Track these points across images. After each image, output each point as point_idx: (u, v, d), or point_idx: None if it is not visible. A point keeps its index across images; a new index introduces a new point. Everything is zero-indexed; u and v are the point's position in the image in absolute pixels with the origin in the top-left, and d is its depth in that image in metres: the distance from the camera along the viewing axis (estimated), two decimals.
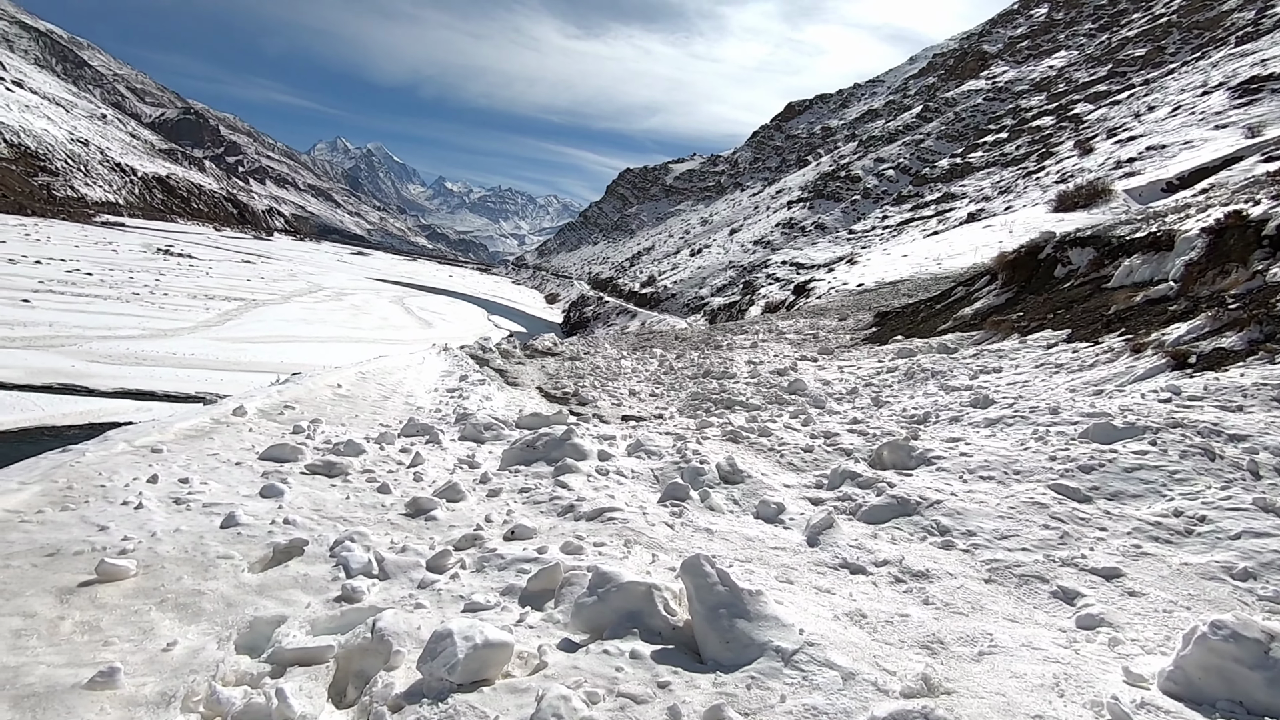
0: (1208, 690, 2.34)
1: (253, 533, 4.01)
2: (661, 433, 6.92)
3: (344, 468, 5.45)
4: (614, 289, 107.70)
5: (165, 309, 44.43)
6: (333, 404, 8.45)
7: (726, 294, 70.75)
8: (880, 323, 18.51)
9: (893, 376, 10.53)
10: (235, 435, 6.30)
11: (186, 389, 25.53)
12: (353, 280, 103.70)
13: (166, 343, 33.90)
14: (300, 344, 39.69)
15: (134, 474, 4.85)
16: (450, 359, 13.68)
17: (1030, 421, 6.11)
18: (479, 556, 3.77)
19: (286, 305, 58.04)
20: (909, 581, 3.56)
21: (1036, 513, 4.24)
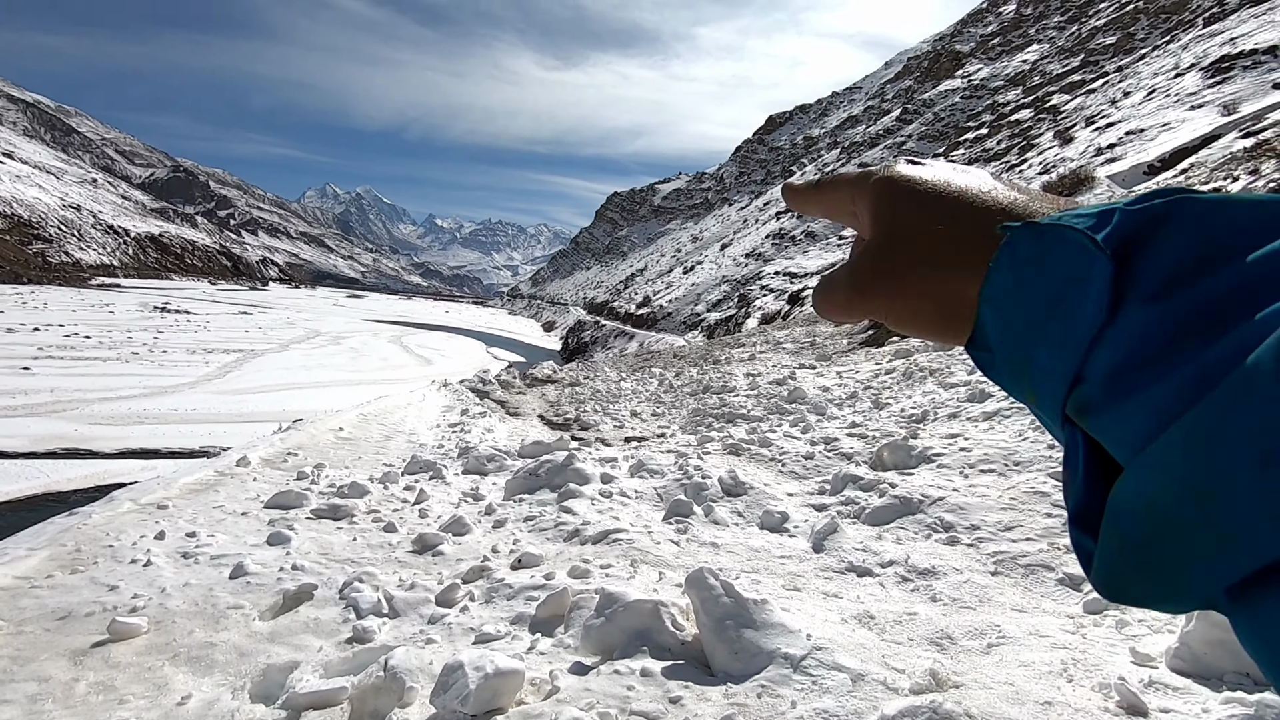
0: (1214, 664, 2.36)
1: (262, 581, 4.03)
2: (663, 451, 6.94)
3: (349, 510, 5.47)
4: (610, 312, 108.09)
5: (165, 366, 44.57)
6: (335, 447, 8.48)
7: (722, 309, 70.98)
8: (876, 325, 18.59)
9: (891, 378, 10.56)
10: (240, 486, 6.32)
11: (190, 444, 25.55)
12: (350, 323, 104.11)
13: (168, 400, 33.96)
14: (301, 390, 39.75)
15: (141, 532, 4.87)
16: (451, 394, 13.73)
17: (1027, 412, 6.13)
18: (487, 587, 3.78)
19: (285, 353, 58.24)
20: (915, 580, 3.57)
21: (1038, 502, 4.27)
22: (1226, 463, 0.21)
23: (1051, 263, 0.30)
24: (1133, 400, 0.25)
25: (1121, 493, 0.25)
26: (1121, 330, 0.26)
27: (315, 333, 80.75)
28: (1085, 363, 0.27)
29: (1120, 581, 0.26)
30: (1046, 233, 0.31)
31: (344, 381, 44.98)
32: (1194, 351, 0.24)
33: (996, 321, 0.33)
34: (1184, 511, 0.23)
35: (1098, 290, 0.27)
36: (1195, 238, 0.26)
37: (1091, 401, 0.27)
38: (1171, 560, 0.24)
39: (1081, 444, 0.28)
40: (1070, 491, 0.29)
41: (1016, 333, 0.31)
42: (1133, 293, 0.27)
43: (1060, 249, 0.30)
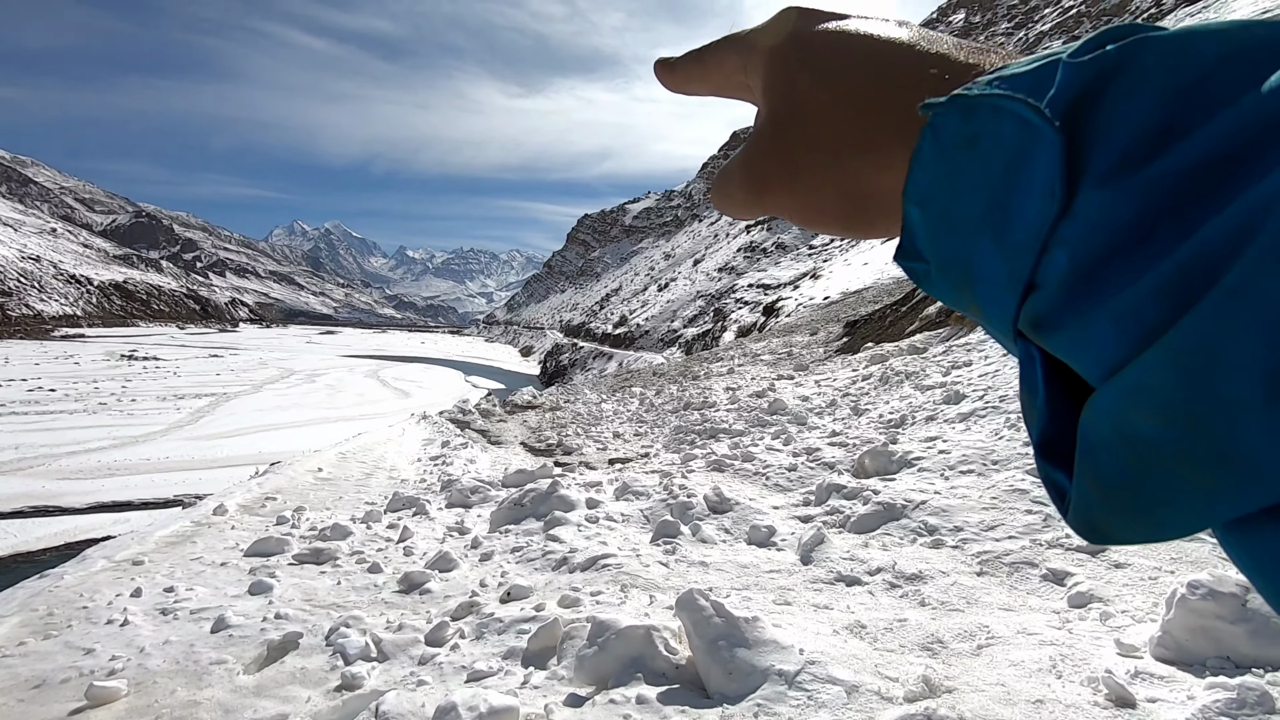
0: (1196, 650, 2.41)
1: (245, 633, 3.94)
2: (647, 472, 6.94)
3: (332, 553, 5.38)
4: (587, 334, 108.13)
5: (134, 415, 43.55)
6: (315, 489, 8.34)
7: (698, 324, 71.38)
8: (850, 332, 18.83)
9: (868, 384, 10.69)
10: (218, 535, 6.19)
11: (164, 494, 24.91)
12: (324, 360, 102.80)
13: (139, 449, 33.14)
14: (277, 432, 39.06)
15: (116, 590, 4.74)
16: (430, 426, 13.60)
17: (1003, 411, 6.26)
18: (477, 623, 3.73)
19: (259, 394, 57.27)
20: (904, 586, 3.60)
21: (1018, 499, 4.34)
22: (1227, 388, 0.18)
23: (986, 144, 0.24)
24: (1099, 310, 0.21)
25: (1096, 423, 0.21)
26: (1079, 222, 0.21)
27: (289, 372, 79.59)
28: (1038, 266, 0.23)
29: (1102, 523, 0.22)
30: (977, 107, 0.25)
31: (321, 420, 44.31)
32: (1170, 242, 0.19)
33: (926, 224, 0.27)
34: (1176, 445, 0.19)
35: (1046, 173, 0.22)
36: (1160, 90, 0.21)
37: (1048, 314, 0.23)
38: (1162, 499, 0.20)
39: (1039, 359, 0.24)
40: (1032, 418, 0.25)
41: (951, 235, 0.26)
42: (1088, 172, 0.21)
43: (996, 126, 0.24)
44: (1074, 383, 0.23)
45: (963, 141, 0.25)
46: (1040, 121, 0.22)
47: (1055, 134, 0.22)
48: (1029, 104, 0.23)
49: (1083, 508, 0.23)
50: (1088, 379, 0.22)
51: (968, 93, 0.25)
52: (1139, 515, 0.21)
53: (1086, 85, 0.22)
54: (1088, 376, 0.22)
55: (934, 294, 0.29)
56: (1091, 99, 0.22)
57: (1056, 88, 0.23)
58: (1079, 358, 0.22)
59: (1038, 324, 0.23)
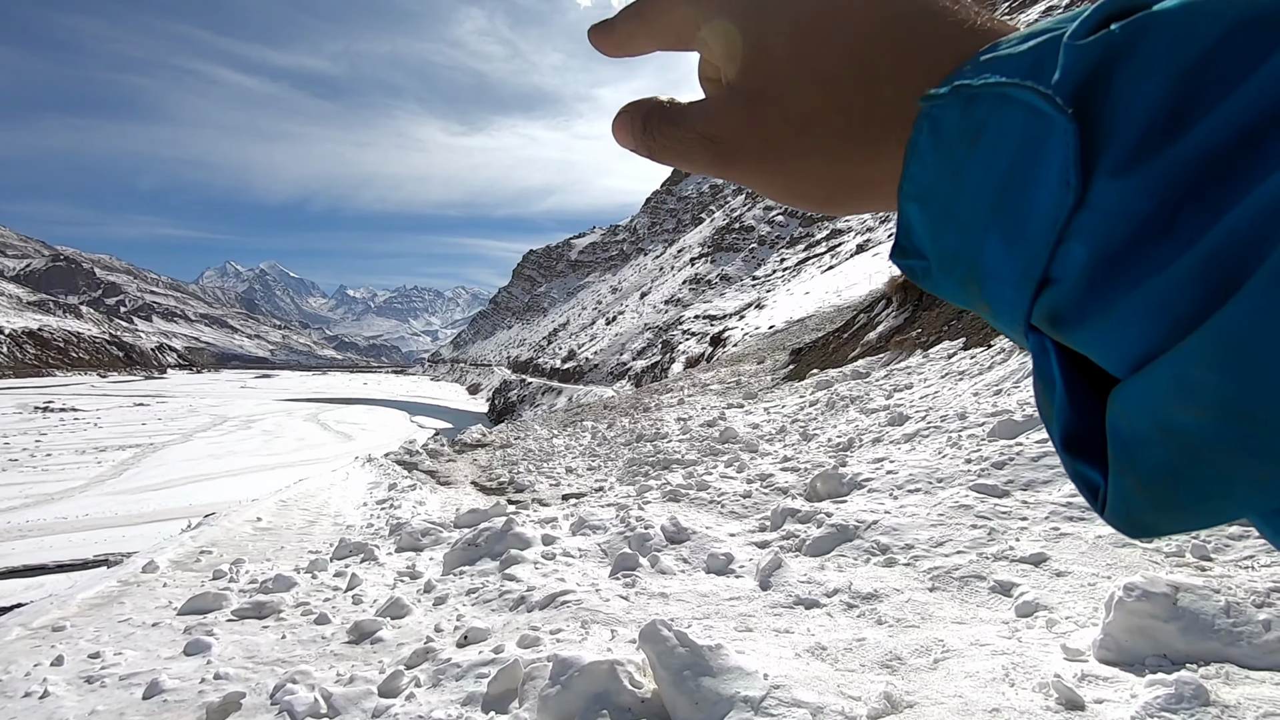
0: (1135, 650, 2.53)
1: (180, 697, 3.69)
2: (603, 505, 6.89)
3: (275, 606, 5.12)
4: (535, 369, 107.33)
5: (50, 470, 40.82)
6: (254, 540, 7.95)
7: (647, 355, 71.82)
8: (796, 359, 19.28)
9: (816, 409, 10.94)
10: (148, 594, 5.82)
11: (84, 554, 23.31)
12: (260, 405, 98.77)
13: (54, 507, 30.98)
14: (210, 482, 37.17)
15: (34, 660, 4.39)
16: (376, 469, 13.18)
17: (944, 430, 6.50)
18: (433, 670, 3.61)
19: (190, 443, 54.50)
20: (860, 605, 3.67)
21: (964, 515, 4.49)
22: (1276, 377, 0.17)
23: (992, 136, 0.23)
24: (1122, 302, 0.20)
25: (1131, 417, 0.21)
26: (1097, 213, 0.20)
27: (222, 418, 76.10)
28: (1053, 260, 0.22)
29: (1145, 519, 0.22)
30: (980, 96, 0.24)
31: (258, 467, 42.42)
32: (1195, 229, 0.19)
33: (927, 221, 0.26)
34: (1221, 438, 0.18)
35: (1059, 163, 0.21)
36: (1171, 71, 0.20)
37: (1066, 309, 0.22)
38: (1215, 492, 0.20)
39: (1053, 352, 0.23)
40: (1052, 412, 0.24)
41: (956, 233, 0.25)
42: (1102, 160, 0.20)
43: (1002, 116, 0.23)
44: (1090, 373, 0.23)
45: (966, 134, 0.24)
46: (1052, 110, 0.21)
47: (1069, 122, 0.21)
48: (1039, 91, 0.22)
49: (1122, 504, 0.22)
50: (1111, 371, 0.21)
51: (969, 83, 0.24)
52: (1188, 509, 0.21)
53: (1093, 68, 0.21)
54: (1111, 369, 0.21)
55: (935, 291, 0.28)
56: (1099, 83, 0.21)
57: (1061, 72, 0.22)
58: (1102, 351, 0.21)
59: (1055, 319, 0.22)
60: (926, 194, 0.26)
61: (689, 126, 0.33)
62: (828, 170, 0.30)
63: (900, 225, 0.28)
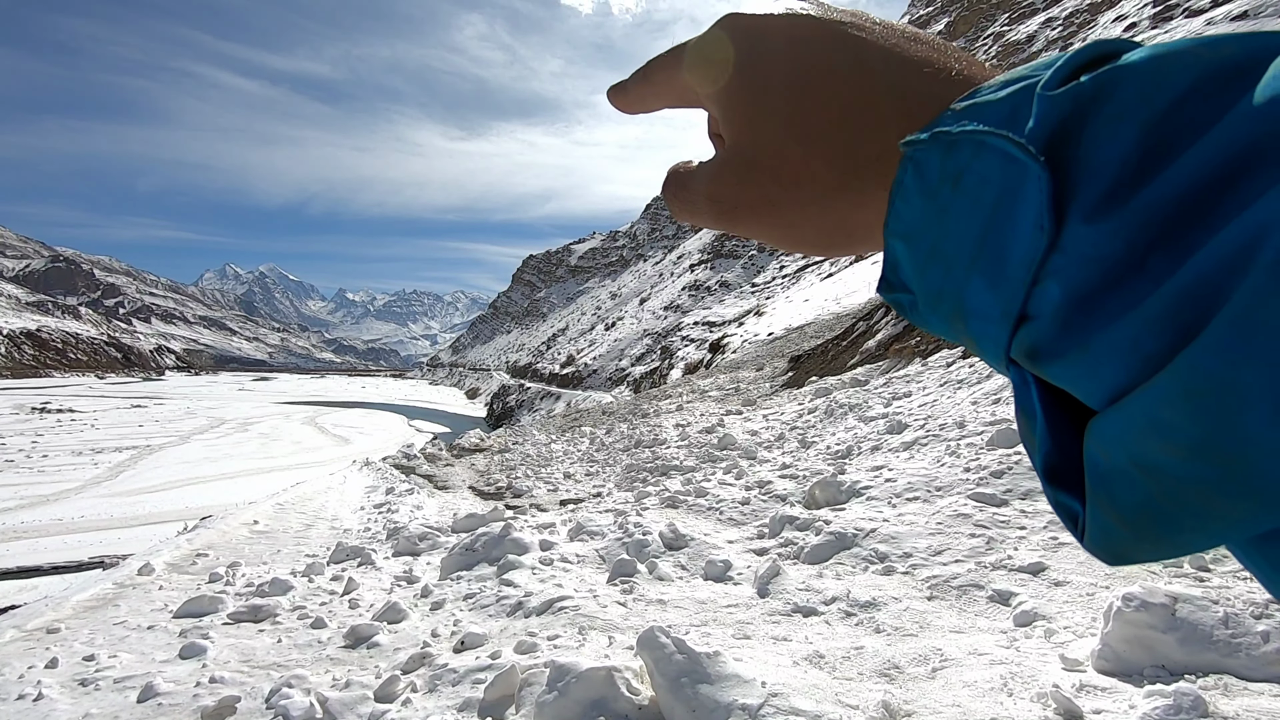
0: (1133, 660, 2.53)
1: (175, 701, 3.68)
2: (601, 511, 6.88)
3: (271, 609, 5.10)
4: (534, 374, 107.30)
5: (46, 471, 40.69)
6: (251, 543, 7.92)
7: (646, 362, 71.83)
8: (795, 367, 19.28)
9: (814, 417, 10.93)
10: (144, 597, 5.79)
11: (79, 556, 23.22)
12: (258, 408, 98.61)
13: (50, 509, 30.87)
14: (207, 484, 37.07)
15: (28, 662, 4.37)
16: (374, 473, 13.15)
17: (942, 438, 6.50)
18: (430, 675, 3.59)
19: (186, 445, 54.37)
20: (859, 614, 3.66)
21: (962, 524, 4.49)
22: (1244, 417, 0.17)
23: (972, 180, 0.24)
24: (1096, 340, 0.21)
25: (1107, 452, 0.21)
26: (1070, 255, 0.21)
27: (219, 420, 75.97)
28: (1029, 299, 0.23)
29: (1122, 548, 0.23)
30: (959, 143, 0.25)
31: (255, 470, 42.31)
32: (1163, 271, 0.19)
33: (913, 258, 0.27)
34: (1194, 473, 0.19)
35: (1034, 208, 0.22)
36: (1139, 120, 0.21)
37: (1043, 345, 0.23)
38: (1189, 525, 0.20)
39: (1033, 385, 0.24)
40: (1033, 444, 0.25)
41: (941, 270, 0.26)
42: (1074, 205, 0.21)
43: (980, 162, 0.24)
44: (1070, 406, 0.23)
45: (947, 178, 0.25)
46: (1025, 158, 0.22)
47: (1041, 169, 0.22)
48: (1013, 140, 0.23)
49: (1100, 534, 0.23)
50: (1089, 404, 0.22)
51: (949, 130, 0.25)
52: (1162, 540, 0.21)
53: (1064, 118, 0.22)
54: (1088, 401, 0.22)
55: (920, 324, 0.29)
56: (1071, 131, 0.22)
57: (1035, 121, 0.23)
58: (1078, 385, 0.22)
59: (1033, 354, 0.23)
60: (912, 232, 0.27)
61: (695, 189, 0.36)
62: (822, 219, 0.33)
63: (887, 261, 0.29)
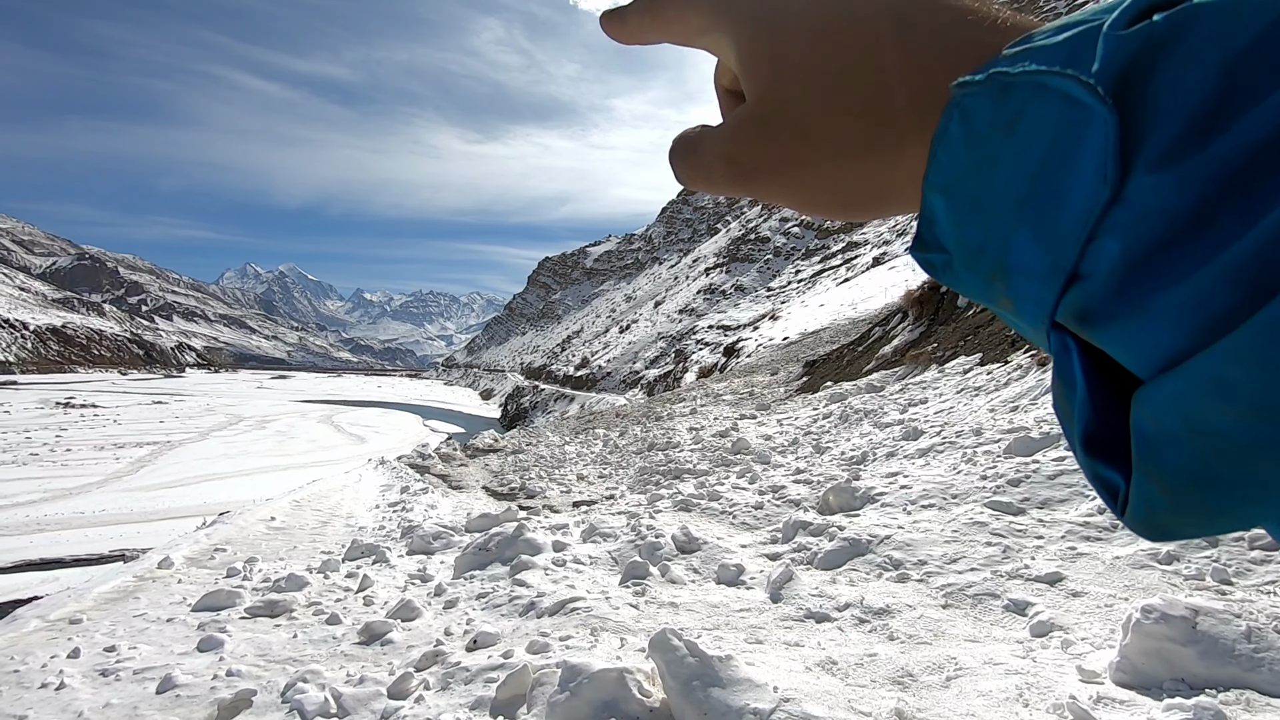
0: (1152, 673, 2.49)
1: (193, 692, 3.73)
2: (614, 513, 6.89)
3: (287, 605, 5.16)
4: (548, 376, 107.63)
5: (69, 465, 41.40)
6: (268, 539, 8.02)
7: (660, 365, 71.80)
8: (810, 372, 19.19)
9: (829, 422, 10.88)
10: (163, 590, 5.88)
11: (100, 549, 23.60)
12: (275, 406, 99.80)
13: (73, 502, 31.41)
14: (225, 481, 37.55)
15: (51, 652, 4.45)
16: (389, 472, 13.26)
17: (959, 446, 6.44)
18: (442, 673, 3.62)
19: (205, 442, 55.12)
20: (872, 620, 3.64)
21: (978, 532, 4.44)
22: None
23: (1027, 126, 0.22)
24: (1156, 300, 0.20)
25: (1158, 417, 0.20)
26: (1133, 208, 0.20)
27: (238, 418, 76.94)
28: (1083, 256, 0.21)
29: (1168, 522, 0.22)
30: (1015, 87, 0.23)
31: (272, 468, 42.80)
32: (1238, 225, 0.18)
33: (952, 213, 0.25)
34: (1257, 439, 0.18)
35: (1096, 156, 0.20)
36: (1215, 64, 0.19)
37: (1096, 306, 0.21)
38: (1247, 496, 0.19)
39: (1075, 350, 0.23)
40: (1071, 412, 0.23)
41: (983, 225, 0.24)
42: (1141, 154, 0.20)
43: (1039, 105, 0.22)
44: (1112, 373, 0.22)
45: (999, 124, 0.23)
46: (1092, 100, 0.21)
47: (1110, 113, 0.20)
48: (1080, 80, 0.21)
49: (1145, 507, 0.22)
50: (1137, 371, 0.21)
51: (1006, 70, 0.23)
52: (1212, 512, 0.21)
53: (1133, 59, 0.20)
54: (1138, 369, 0.21)
55: (954, 286, 0.27)
56: (1139, 74, 0.20)
57: (1101, 62, 0.21)
58: (1130, 349, 0.21)
59: (1084, 316, 0.22)
60: (953, 185, 0.25)
61: (706, 150, 0.34)
62: (846, 177, 0.30)
63: (923, 217, 0.27)
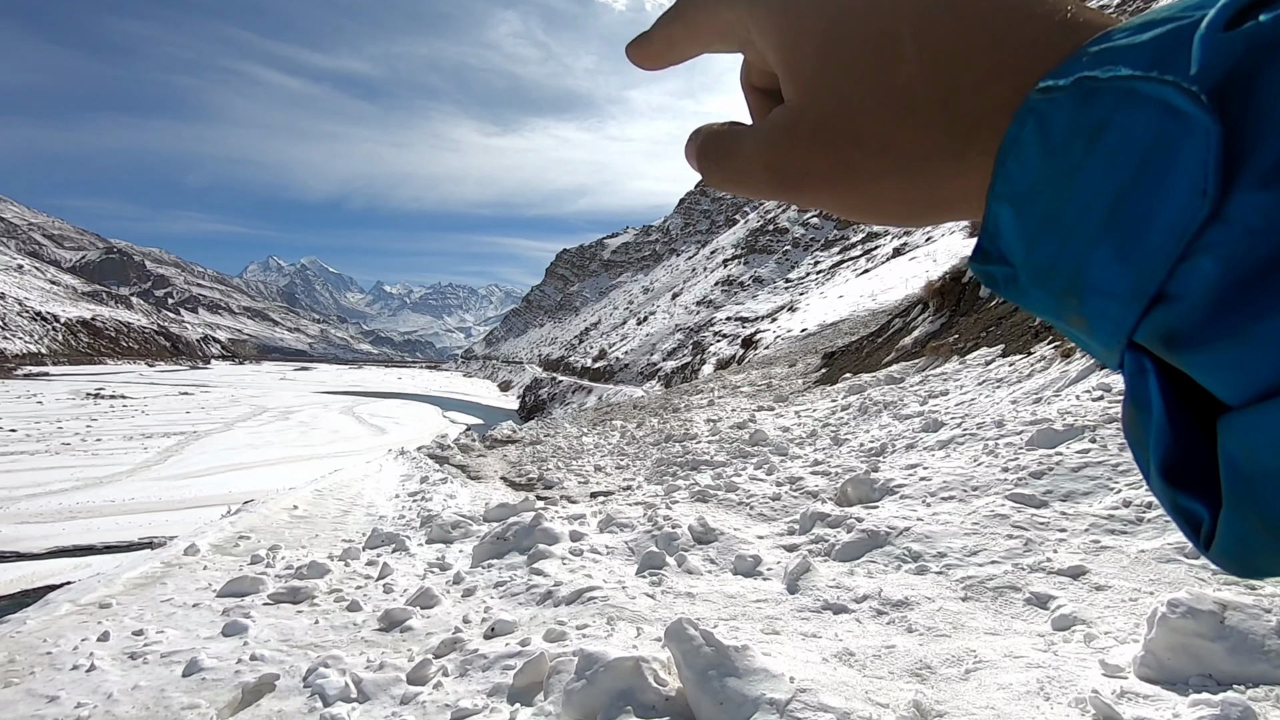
0: (1178, 668, 2.44)
1: (218, 676, 3.81)
2: (631, 504, 6.90)
3: (309, 591, 5.25)
4: (566, 367, 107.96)
5: (99, 455, 42.35)
6: (290, 527, 8.15)
7: (678, 357, 71.71)
8: (828, 363, 19.05)
9: (847, 414, 10.79)
10: (189, 576, 6.00)
11: (129, 537, 24.14)
12: (298, 397, 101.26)
13: (103, 490, 32.16)
14: (249, 470, 38.21)
15: (82, 635, 4.57)
16: (408, 462, 13.40)
17: (980, 438, 6.35)
18: (461, 660, 3.66)
19: (231, 432, 56.10)
20: (890, 612, 3.61)
21: (999, 524, 4.38)
22: None
23: (1114, 136, 0.20)
24: (1257, 327, 0.18)
25: (1254, 450, 0.19)
26: (1235, 226, 0.18)
27: (262, 409, 78.19)
28: (1172, 276, 0.20)
29: (1262, 561, 0.20)
30: (1100, 93, 0.21)
31: (295, 458, 43.46)
32: None
33: (1022, 227, 0.23)
34: None
35: (1195, 169, 0.19)
36: None
37: (1186, 330, 0.20)
38: None
39: (1153, 373, 0.21)
40: (1147, 438, 0.22)
41: (1059, 241, 0.22)
42: (1247, 169, 0.18)
43: (1127, 114, 0.20)
44: (1191, 396, 0.21)
45: (1080, 132, 0.21)
46: (1193, 108, 0.19)
47: (1213, 123, 0.18)
48: (1181, 87, 0.19)
49: (1235, 544, 0.20)
50: (1227, 399, 0.19)
51: (1094, 75, 0.21)
52: None
53: (1237, 63, 0.18)
54: (1228, 396, 0.19)
55: (1018, 300, 0.25)
56: (1244, 81, 0.18)
57: (1200, 66, 0.19)
58: (1223, 376, 0.19)
59: (1170, 338, 0.20)
60: (1024, 196, 0.23)
61: (747, 158, 0.31)
62: (908, 188, 0.28)
63: (986, 229, 0.25)
